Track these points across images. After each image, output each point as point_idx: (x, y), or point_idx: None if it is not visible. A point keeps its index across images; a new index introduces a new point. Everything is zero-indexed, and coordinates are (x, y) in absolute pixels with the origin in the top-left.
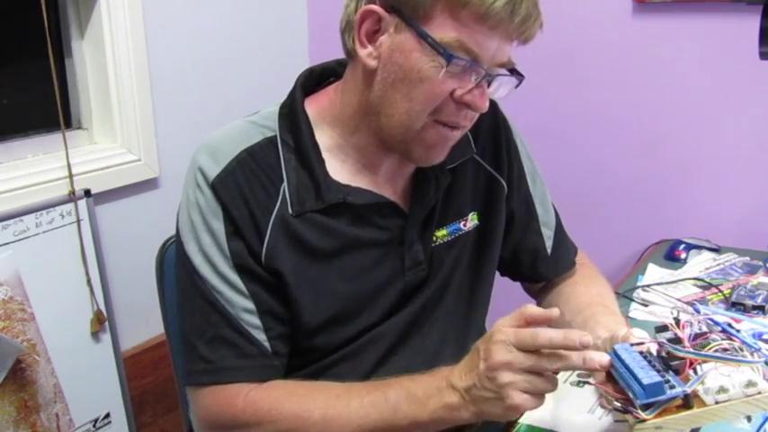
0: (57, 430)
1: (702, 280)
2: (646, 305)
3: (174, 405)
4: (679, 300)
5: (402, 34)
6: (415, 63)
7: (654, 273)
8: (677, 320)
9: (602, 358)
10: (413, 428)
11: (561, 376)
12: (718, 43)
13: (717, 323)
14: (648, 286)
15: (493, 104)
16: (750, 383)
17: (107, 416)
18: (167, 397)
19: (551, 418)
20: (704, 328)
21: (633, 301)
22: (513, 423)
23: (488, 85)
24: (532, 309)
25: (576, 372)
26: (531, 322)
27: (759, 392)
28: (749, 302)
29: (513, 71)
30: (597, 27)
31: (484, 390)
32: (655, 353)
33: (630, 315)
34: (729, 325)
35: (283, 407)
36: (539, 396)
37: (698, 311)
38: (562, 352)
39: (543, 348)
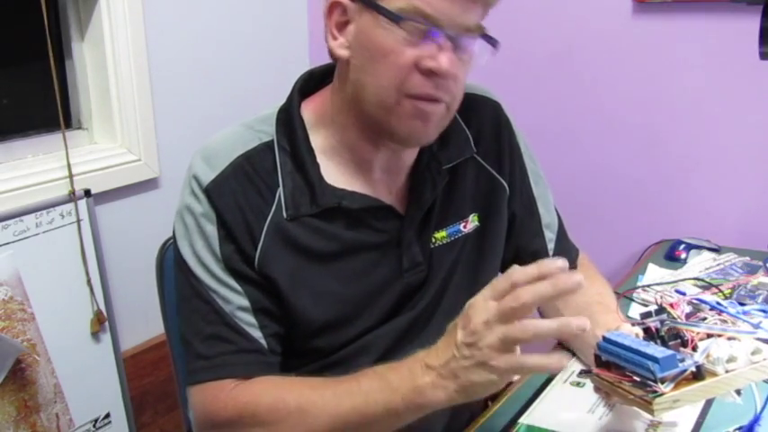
0: (57, 430)
1: (702, 280)
2: (646, 305)
3: (174, 405)
4: None
5: (364, 17)
6: (378, 40)
7: (654, 273)
8: (660, 306)
9: (582, 321)
10: (389, 417)
11: (561, 376)
12: (719, 43)
13: (705, 302)
14: (648, 286)
15: (495, 106)
16: (756, 351)
17: (107, 416)
18: (167, 397)
19: (551, 418)
20: (691, 309)
21: (633, 301)
22: (512, 423)
23: (454, 51)
24: (519, 271)
25: (576, 372)
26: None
27: (765, 359)
28: (749, 302)
29: (487, 38)
30: (597, 27)
31: (464, 359)
32: (641, 337)
33: (630, 315)
34: (718, 303)
35: (260, 399)
36: (517, 365)
37: (683, 294)
38: (534, 286)
39: (520, 285)
